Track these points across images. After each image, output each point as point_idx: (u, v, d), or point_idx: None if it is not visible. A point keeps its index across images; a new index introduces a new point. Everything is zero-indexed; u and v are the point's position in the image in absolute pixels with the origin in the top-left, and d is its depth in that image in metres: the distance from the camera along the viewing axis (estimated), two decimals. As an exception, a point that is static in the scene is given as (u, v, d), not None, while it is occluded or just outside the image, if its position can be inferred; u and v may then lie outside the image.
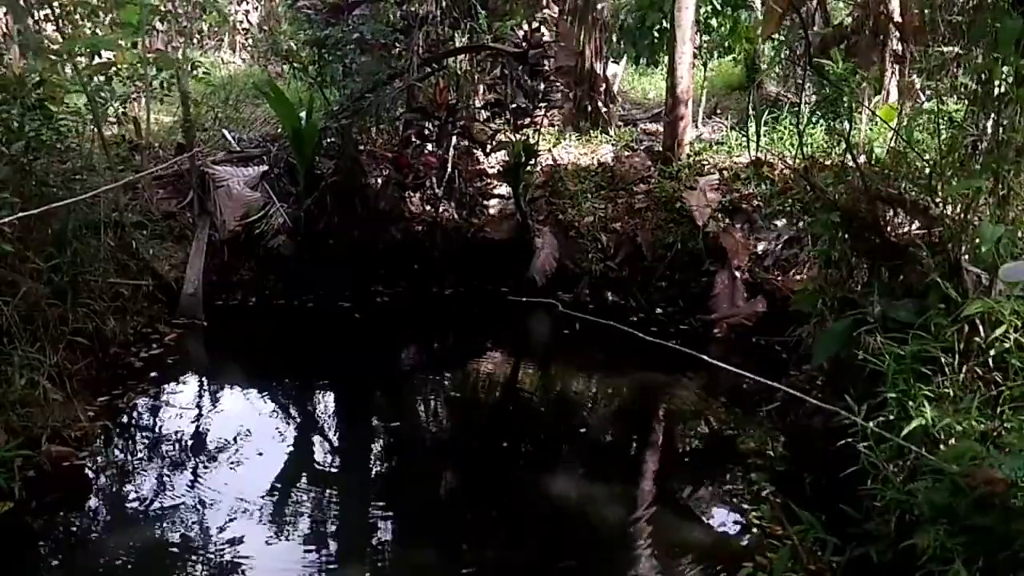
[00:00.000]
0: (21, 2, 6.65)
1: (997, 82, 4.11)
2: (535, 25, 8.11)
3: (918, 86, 7.49)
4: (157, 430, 5.18)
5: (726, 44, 11.16)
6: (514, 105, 7.96)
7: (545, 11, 10.01)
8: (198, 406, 5.61)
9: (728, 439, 5.42)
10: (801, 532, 3.32)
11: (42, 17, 7.20)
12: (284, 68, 10.09)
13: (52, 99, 5.82)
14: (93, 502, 4.33)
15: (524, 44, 7.67)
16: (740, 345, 6.55)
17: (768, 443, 5.10)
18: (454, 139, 7.94)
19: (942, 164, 4.60)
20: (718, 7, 10.38)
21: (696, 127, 9.29)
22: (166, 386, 5.71)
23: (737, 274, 6.93)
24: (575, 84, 9.68)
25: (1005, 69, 4.01)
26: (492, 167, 8.35)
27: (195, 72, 7.87)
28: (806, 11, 8.44)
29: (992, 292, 3.93)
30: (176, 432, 5.11)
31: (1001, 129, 4.14)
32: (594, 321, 5.94)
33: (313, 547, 3.96)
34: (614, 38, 10.65)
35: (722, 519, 4.32)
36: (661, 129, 9.06)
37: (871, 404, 3.88)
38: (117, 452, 4.77)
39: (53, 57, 6.29)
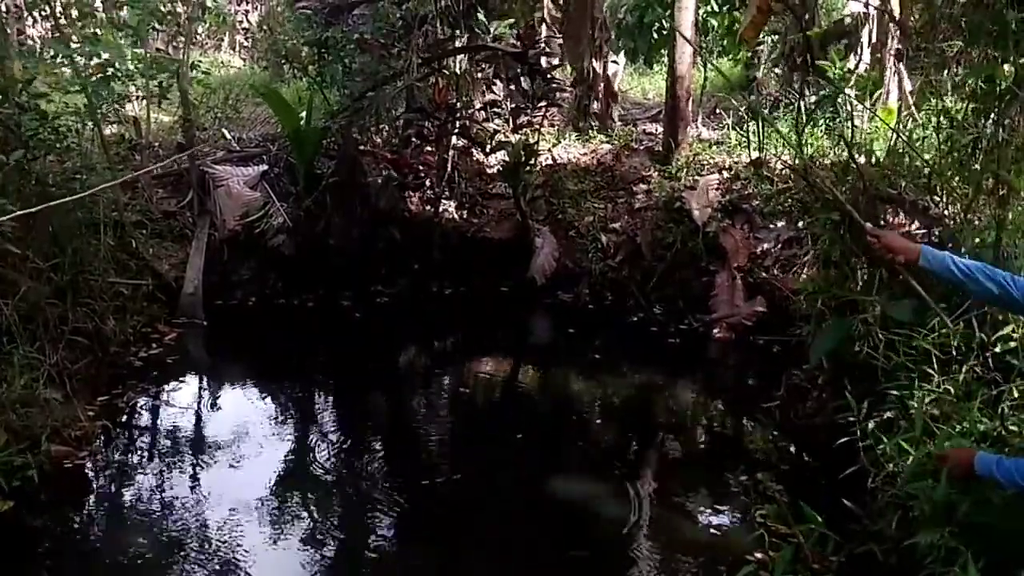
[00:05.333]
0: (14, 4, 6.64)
1: (998, 80, 4.11)
2: (532, 24, 8.10)
3: (908, 88, 7.51)
4: (157, 429, 5.18)
5: (723, 44, 11.19)
6: (513, 105, 7.96)
7: (544, 10, 10.03)
8: (198, 405, 5.61)
9: (730, 436, 5.43)
10: (805, 529, 3.31)
11: (40, 16, 7.20)
12: (285, 68, 10.11)
13: (42, 98, 5.81)
14: (93, 502, 4.32)
15: (521, 43, 7.67)
16: (740, 345, 6.55)
17: (770, 441, 5.10)
18: (454, 139, 7.94)
19: (942, 164, 4.61)
20: (716, 8, 10.40)
21: (696, 127, 9.29)
22: (166, 386, 5.70)
23: (737, 274, 6.92)
24: (575, 83, 9.68)
25: (1006, 67, 4.02)
26: (492, 167, 8.35)
27: (195, 73, 7.86)
28: (801, 12, 8.43)
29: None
30: (176, 431, 5.11)
31: (1002, 129, 4.14)
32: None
33: (314, 546, 3.95)
34: (613, 36, 10.64)
35: (726, 516, 4.31)
36: (661, 129, 9.07)
37: (872, 402, 3.89)
38: (117, 452, 4.76)
39: (47, 59, 6.29)
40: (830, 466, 4.05)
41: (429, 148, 7.93)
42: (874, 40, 8.26)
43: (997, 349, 3.70)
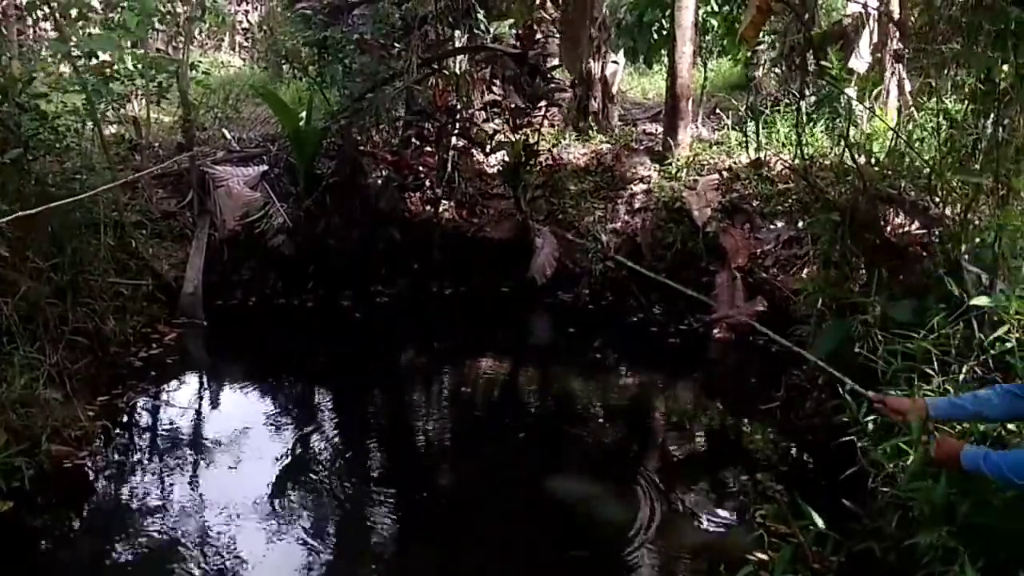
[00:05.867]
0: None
1: (997, 80, 4.11)
2: (531, 24, 8.10)
3: (908, 88, 7.51)
4: (157, 430, 5.18)
5: (723, 44, 11.17)
6: (513, 105, 7.95)
7: (543, 10, 10.02)
8: (198, 406, 5.61)
9: (730, 437, 5.43)
10: (803, 525, 3.31)
11: (40, 17, 7.22)
12: (284, 68, 10.13)
13: (41, 98, 5.81)
14: (93, 502, 4.32)
15: (520, 44, 7.67)
16: (740, 345, 6.55)
17: (770, 441, 5.10)
18: (453, 139, 7.94)
19: (942, 164, 4.61)
20: (716, 8, 10.38)
21: (696, 127, 9.29)
22: (166, 386, 5.70)
23: (737, 274, 6.92)
24: (574, 84, 9.68)
25: (1005, 68, 4.02)
26: (492, 167, 8.36)
27: (194, 73, 7.86)
28: (802, 11, 8.42)
29: (992, 292, 3.94)
30: (176, 432, 5.11)
31: (1001, 128, 4.15)
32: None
33: (314, 546, 3.95)
34: (612, 35, 10.62)
35: (726, 516, 4.31)
36: (661, 129, 9.07)
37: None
38: (117, 452, 4.76)
39: (47, 58, 6.30)
40: (830, 466, 4.05)
41: (429, 148, 7.93)
42: (874, 40, 8.27)
43: (995, 350, 3.70)
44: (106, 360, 5.52)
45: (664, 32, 10.16)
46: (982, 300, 3.68)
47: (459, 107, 7.88)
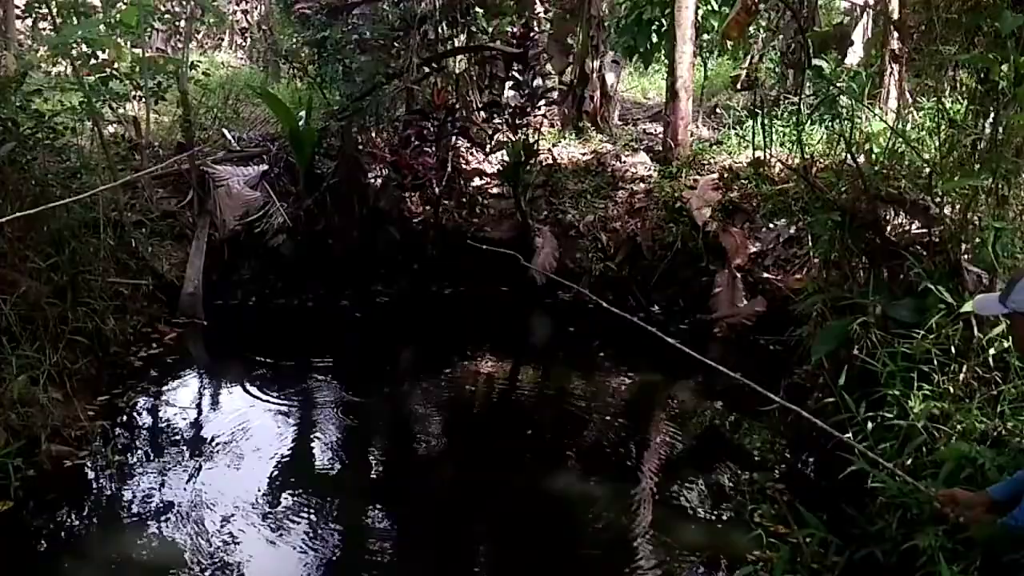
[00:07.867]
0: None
1: (996, 80, 4.11)
2: (527, 23, 8.10)
3: (907, 88, 7.51)
4: (157, 430, 5.18)
5: (723, 44, 11.19)
6: (512, 105, 7.96)
7: (540, 9, 10.02)
8: (198, 405, 5.61)
9: (730, 437, 5.43)
10: (806, 533, 3.31)
11: (40, 16, 7.22)
12: (283, 68, 10.13)
13: (37, 95, 5.81)
14: (93, 502, 4.32)
15: (516, 42, 7.67)
16: (740, 345, 6.55)
17: (769, 442, 5.10)
18: (453, 139, 7.94)
19: (942, 164, 4.61)
20: (715, 7, 10.39)
21: (696, 127, 9.29)
22: (166, 385, 5.71)
23: (737, 274, 6.92)
24: (574, 83, 9.68)
25: (1004, 67, 4.01)
26: (492, 167, 8.36)
27: (193, 73, 7.86)
28: (800, 11, 8.43)
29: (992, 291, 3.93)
30: (176, 432, 5.11)
31: (1000, 128, 4.14)
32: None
33: (314, 546, 3.95)
34: (612, 34, 10.63)
35: (725, 516, 4.31)
36: (661, 129, 9.07)
37: (872, 402, 3.90)
38: (117, 452, 4.75)
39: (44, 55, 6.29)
40: (829, 466, 4.05)
41: (428, 148, 7.93)
42: (868, 36, 8.27)
43: (992, 351, 3.70)
44: (106, 360, 5.52)
45: (664, 31, 10.17)
46: (971, 306, 3.68)
47: (458, 107, 7.88)
